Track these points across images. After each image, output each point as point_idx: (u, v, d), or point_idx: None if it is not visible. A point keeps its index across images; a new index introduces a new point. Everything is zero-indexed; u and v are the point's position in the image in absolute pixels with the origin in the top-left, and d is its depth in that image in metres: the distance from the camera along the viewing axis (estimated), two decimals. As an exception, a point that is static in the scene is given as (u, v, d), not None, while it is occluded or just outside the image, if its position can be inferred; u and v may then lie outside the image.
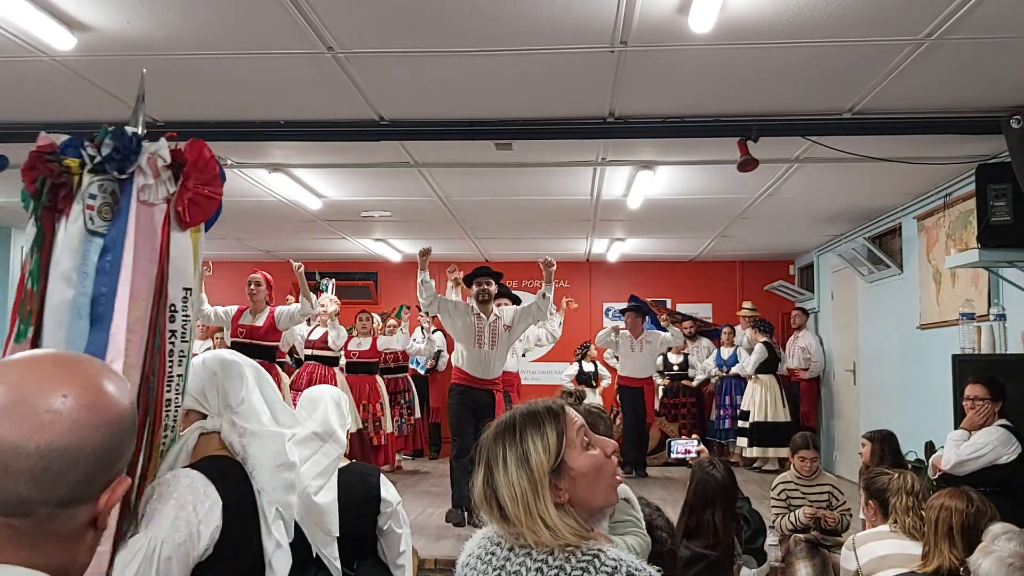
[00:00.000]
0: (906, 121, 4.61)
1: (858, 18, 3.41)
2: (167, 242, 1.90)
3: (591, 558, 1.34)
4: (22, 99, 4.42)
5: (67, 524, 0.90)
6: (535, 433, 1.46)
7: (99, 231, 1.90)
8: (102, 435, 0.90)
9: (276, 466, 1.94)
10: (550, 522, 1.39)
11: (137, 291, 1.82)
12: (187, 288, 1.96)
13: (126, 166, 1.89)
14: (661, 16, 3.40)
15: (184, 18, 3.45)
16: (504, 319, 6.24)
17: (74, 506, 0.89)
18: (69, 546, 0.92)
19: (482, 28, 3.53)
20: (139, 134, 1.95)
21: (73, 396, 0.89)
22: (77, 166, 1.94)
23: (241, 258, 10.15)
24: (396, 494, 2.82)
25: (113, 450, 0.92)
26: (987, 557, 2.46)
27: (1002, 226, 4.66)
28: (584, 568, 1.33)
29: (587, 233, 8.62)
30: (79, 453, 0.88)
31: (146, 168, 1.90)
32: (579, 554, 1.36)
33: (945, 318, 6.06)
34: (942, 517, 2.86)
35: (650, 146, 5.26)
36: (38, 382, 0.89)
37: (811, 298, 9.67)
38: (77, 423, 0.88)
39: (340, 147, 5.30)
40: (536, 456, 1.44)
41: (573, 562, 1.35)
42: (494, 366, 6.24)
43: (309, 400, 2.69)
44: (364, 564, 2.73)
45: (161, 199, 1.92)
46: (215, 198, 2.00)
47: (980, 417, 4.14)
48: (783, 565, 4.70)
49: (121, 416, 0.93)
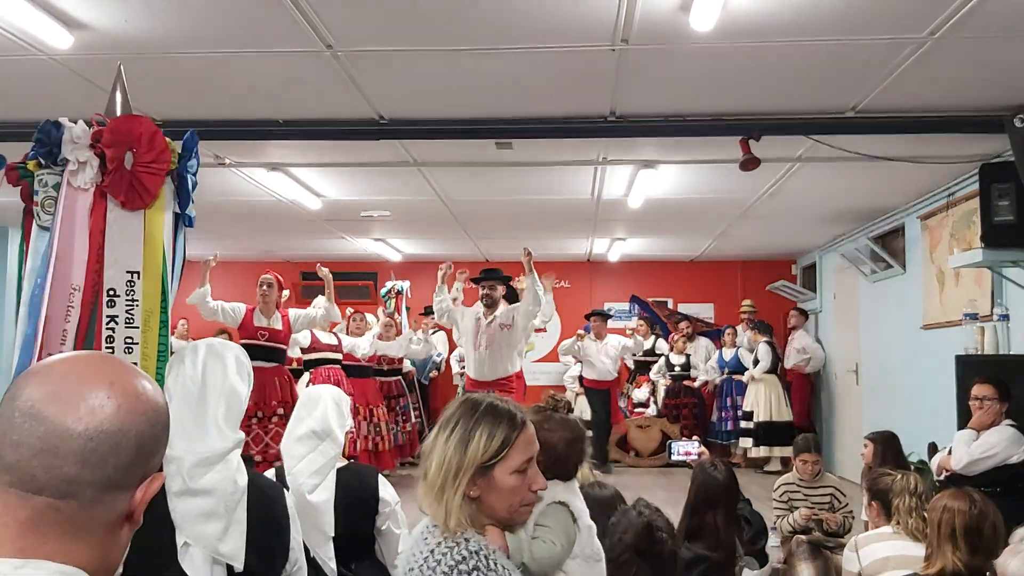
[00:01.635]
0: (909, 120, 4.59)
1: (861, 16, 3.39)
2: (100, 225, 1.86)
3: (457, 544, 1.55)
4: (20, 98, 4.41)
5: (108, 512, 0.94)
6: (487, 427, 1.60)
7: (45, 225, 1.88)
8: (145, 423, 0.96)
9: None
10: (450, 505, 1.56)
11: (66, 278, 1.79)
12: (132, 271, 1.90)
13: (54, 154, 1.87)
14: (662, 14, 3.38)
15: (182, 16, 3.43)
16: (500, 319, 6.24)
17: (116, 491, 0.94)
18: (107, 539, 0.95)
19: (482, 27, 3.51)
20: (59, 121, 1.93)
21: (118, 386, 0.96)
22: (34, 166, 1.92)
23: (240, 258, 10.13)
24: (395, 494, 2.80)
25: (153, 440, 0.98)
26: (1015, 558, 2.46)
27: (1006, 226, 4.64)
28: (451, 549, 1.54)
29: (588, 233, 8.60)
30: (123, 437, 0.93)
31: (72, 154, 1.88)
32: (453, 538, 1.56)
33: (948, 318, 6.04)
34: (944, 519, 2.84)
35: (651, 145, 5.24)
36: (84, 374, 0.96)
37: (813, 298, 9.65)
38: (122, 409, 0.94)
39: (339, 146, 5.28)
40: (474, 446, 1.59)
41: (446, 543, 1.55)
42: (493, 366, 6.24)
43: (309, 399, 2.68)
44: (362, 564, 2.71)
45: (88, 182, 1.89)
46: (156, 175, 1.95)
47: (988, 417, 4.12)
48: (785, 567, 4.67)
49: (159, 409, 0.99)
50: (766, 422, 8.73)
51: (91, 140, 1.93)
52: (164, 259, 1.97)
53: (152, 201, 1.95)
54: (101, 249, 1.85)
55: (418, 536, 1.65)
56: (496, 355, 6.25)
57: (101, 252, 1.85)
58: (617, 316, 10.79)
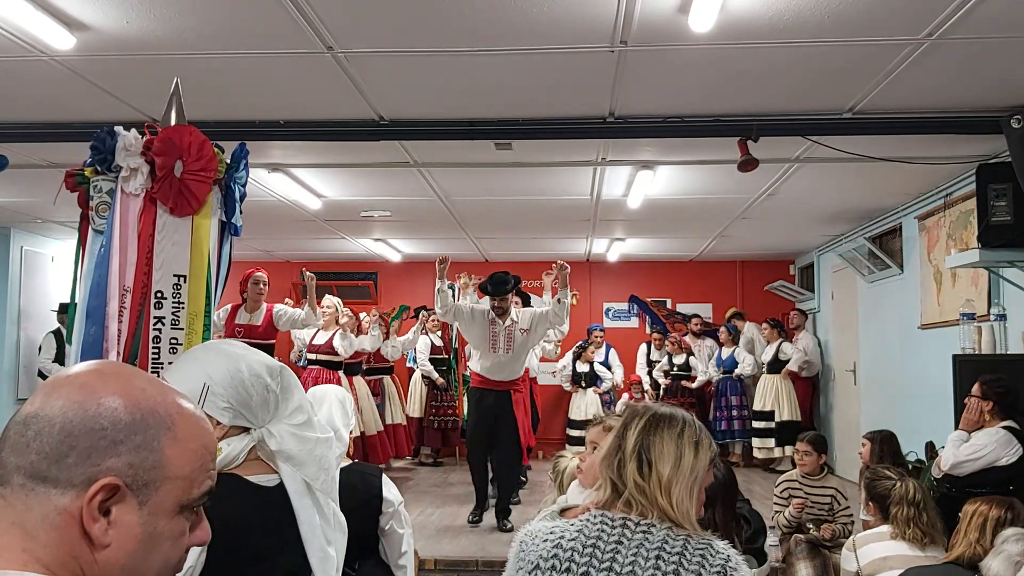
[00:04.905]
0: (906, 121, 4.60)
1: (858, 18, 3.41)
2: (150, 230, 1.90)
3: (706, 545, 1.62)
4: (21, 99, 4.41)
5: (44, 507, 0.89)
6: (706, 441, 1.77)
7: (100, 229, 1.92)
8: (76, 412, 0.91)
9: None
10: (683, 506, 1.66)
11: (121, 280, 1.83)
12: (179, 275, 1.95)
13: (108, 161, 1.91)
14: (661, 15, 3.40)
15: (183, 17, 3.44)
16: (521, 323, 6.24)
17: (49, 485, 0.89)
18: (71, 546, 0.89)
19: (482, 27, 3.53)
20: (113, 129, 1.97)
21: (74, 380, 0.94)
22: (91, 172, 1.97)
23: (240, 257, 10.10)
24: (398, 494, 2.81)
25: (89, 434, 0.90)
26: (996, 557, 2.52)
27: (1002, 226, 4.66)
28: (702, 554, 1.60)
29: (587, 233, 8.61)
30: (47, 423, 0.90)
31: (124, 161, 1.92)
32: (695, 539, 1.63)
33: (946, 318, 6.06)
34: (979, 510, 2.91)
35: (650, 146, 5.25)
36: (63, 375, 0.96)
37: (811, 298, 9.68)
38: (55, 397, 0.92)
39: (340, 147, 5.29)
40: (704, 455, 1.73)
41: (691, 546, 1.61)
42: (511, 368, 6.27)
43: (313, 398, 2.68)
44: (366, 564, 2.72)
45: (139, 188, 1.93)
46: (204, 182, 2.00)
47: (972, 415, 4.13)
48: (783, 565, 4.69)
49: (108, 405, 0.92)
50: (788, 422, 8.72)
51: (143, 148, 1.97)
52: (209, 264, 2.02)
53: (199, 208, 2.00)
54: (150, 253, 1.90)
55: (658, 543, 1.64)
56: (516, 359, 6.27)
57: (150, 256, 1.90)
58: (616, 316, 10.82)
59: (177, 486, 0.95)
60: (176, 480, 0.95)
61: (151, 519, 0.93)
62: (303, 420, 1.77)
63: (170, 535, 0.95)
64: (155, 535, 0.93)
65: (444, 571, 5.32)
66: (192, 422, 0.99)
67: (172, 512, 0.95)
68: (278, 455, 1.72)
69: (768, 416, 8.88)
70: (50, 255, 8.86)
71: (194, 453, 0.98)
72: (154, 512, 0.93)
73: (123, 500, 0.91)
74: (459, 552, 5.53)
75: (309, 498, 1.74)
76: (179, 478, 0.95)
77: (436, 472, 9.03)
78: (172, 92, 2.23)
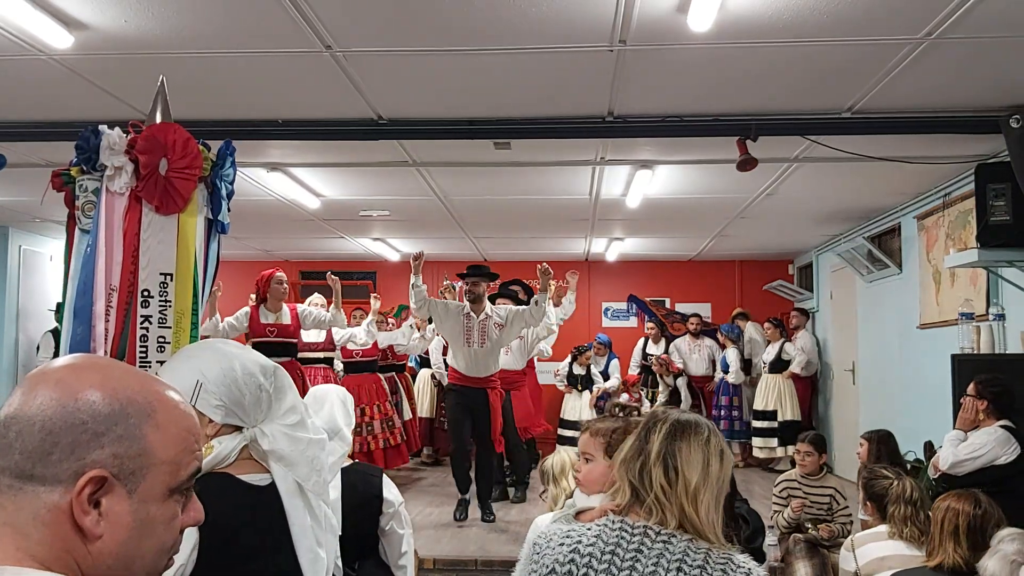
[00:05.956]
0: (905, 120, 4.60)
1: (857, 17, 3.41)
2: (135, 229, 1.90)
3: (727, 559, 1.57)
4: (20, 98, 4.41)
5: (35, 505, 0.90)
6: (727, 451, 1.73)
7: (86, 228, 1.92)
8: (55, 409, 0.91)
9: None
10: (710, 516, 1.60)
11: (108, 279, 1.83)
12: (165, 273, 1.94)
13: (92, 160, 1.91)
14: (660, 15, 3.40)
15: (182, 16, 3.44)
16: (496, 318, 6.24)
17: (37, 483, 0.90)
18: (65, 541, 0.90)
19: (480, 27, 3.53)
20: (97, 128, 1.97)
21: (50, 378, 0.94)
22: (76, 171, 1.97)
23: (240, 257, 10.14)
24: (398, 495, 2.81)
25: (70, 430, 0.91)
26: (992, 557, 2.53)
27: (1001, 226, 4.66)
28: (723, 568, 1.55)
29: (586, 232, 8.61)
30: (28, 423, 0.91)
31: (109, 159, 1.91)
32: (716, 552, 1.58)
33: (944, 318, 6.06)
34: (948, 517, 2.89)
35: (649, 145, 5.25)
36: (38, 371, 0.96)
37: (810, 298, 9.68)
38: (33, 396, 0.92)
39: (338, 146, 5.29)
40: (728, 464, 1.70)
41: (712, 559, 1.56)
42: (486, 363, 6.26)
43: (315, 398, 2.68)
44: (366, 564, 2.73)
45: (124, 187, 1.93)
46: (189, 180, 1.99)
47: (968, 415, 4.14)
48: (782, 565, 4.69)
49: (86, 400, 0.93)
50: (791, 421, 8.73)
51: (127, 146, 1.96)
52: (196, 262, 2.01)
53: (185, 206, 1.99)
54: (136, 251, 1.89)
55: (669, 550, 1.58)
56: (491, 353, 6.27)
57: (136, 254, 1.89)
58: (615, 315, 10.81)
59: (164, 471, 0.96)
60: (162, 465, 0.96)
61: (142, 506, 0.94)
62: (296, 421, 1.76)
63: (162, 519, 0.96)
64: (147, 521, 0.94)
65: (444, 571, 5.32)
66: (171, 406, 0.99)
67: (162, 497, 0.96)
68: (270, 455, 1.72)
69: (771, 416, 8.88)
70: (48, 254, 8.86)
71: (177, 436, 0.98)
72: (144, 499, 0.94)
73: (112, 490, 0.92)
74: (459, 552, 5.53)
75: (300, 499, 1.74)
76: (165, 463, 0.96)
77: (436, 472, 9.02)
78: (158, 90, 2.22)
